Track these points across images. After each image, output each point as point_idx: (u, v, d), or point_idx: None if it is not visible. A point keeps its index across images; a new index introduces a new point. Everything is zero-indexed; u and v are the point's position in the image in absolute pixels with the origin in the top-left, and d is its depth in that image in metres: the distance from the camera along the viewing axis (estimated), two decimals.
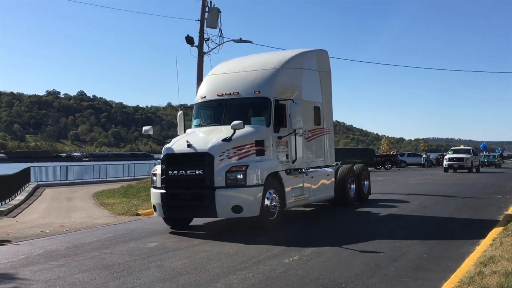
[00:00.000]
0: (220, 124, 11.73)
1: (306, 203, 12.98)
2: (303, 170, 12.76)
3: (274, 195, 11.05)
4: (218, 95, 12.16)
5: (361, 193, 16.13)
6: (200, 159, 10.38)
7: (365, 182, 16.83)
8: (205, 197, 10.28)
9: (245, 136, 10.96)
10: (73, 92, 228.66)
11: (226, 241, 9.53)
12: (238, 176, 10.27)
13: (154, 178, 11.20)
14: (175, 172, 10.61)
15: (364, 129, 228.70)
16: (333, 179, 14.33)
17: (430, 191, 20.51)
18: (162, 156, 11.00)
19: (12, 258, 8.81)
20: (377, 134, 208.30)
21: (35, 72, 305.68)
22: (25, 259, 8.74)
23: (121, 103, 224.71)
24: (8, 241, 10.73)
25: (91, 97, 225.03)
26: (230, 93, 11.99)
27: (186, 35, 21.25)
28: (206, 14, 21.69)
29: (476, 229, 10.56)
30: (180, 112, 13.05)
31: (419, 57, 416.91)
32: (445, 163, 39.59)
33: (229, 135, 10.64)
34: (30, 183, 30.46)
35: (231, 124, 10.57)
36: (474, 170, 39.40)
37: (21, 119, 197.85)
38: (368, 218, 12.88)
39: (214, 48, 21.58)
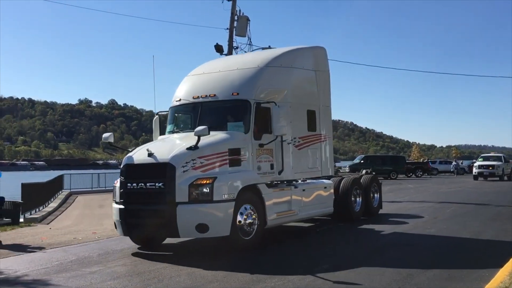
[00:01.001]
0: (192, 130, 10.33)
1: (295, 219, 11.34)
2: (292, 182, 11.22)
3: (251, 211, 9.54)
4: (193, 97, 10.73)
5: (369, 207, 14.42)
6: (160, 171, 8.94)
7: (375, 195, 15.09)
8: (165, 214, 8.83)
9: (215, 144, 9.51)
10: (104, 101, 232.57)
11: (185, 265, 8.17)
12: (204, 190, 8.80)
13: (115, 191, 9.86)
14: (134, 185, 9.19)
15: (394, 136, 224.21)
16: (331, 192, 12.70)
17: (463, 199, 19.64)
18: (121, 166, 9.67)
19: (46, 265, 8.87)
20: (407, 141, 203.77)
21: (68, 82, 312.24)
22: (58, 265, 8.80)
23: (151, 111, 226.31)
24: (42, 248, 10.78)
25: (122, 105, 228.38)
26: (206, 96, 10.55)
27: (215, 44, 21.63)
28: (235, 23, 22.20)
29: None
30: (155, 117, 11.59)
31: (453, 64, 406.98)
32: (475, 170, 37.74)
33: (200, 143, 9.23)
34: (63, 190, 31.03)
35: (195, 130, 9.16)
36: (505, 178, 37.18)
37: (54, 128, 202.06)
38: (367, 238, 11.18)
39: None
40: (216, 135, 9.77)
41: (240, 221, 9.30)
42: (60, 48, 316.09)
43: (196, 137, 9.25)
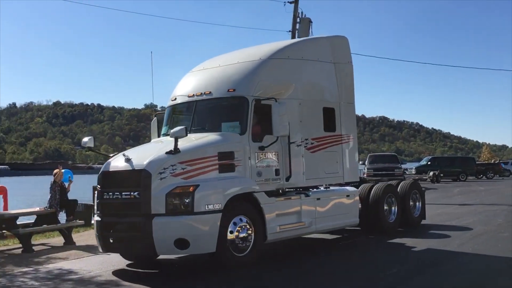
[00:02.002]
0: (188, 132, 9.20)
1: (306, 232, 9.83)
2: (299, 190, 9.80)
3: (245, 224, 8.24)
4: (188, 96, 9.57)
5: (408, 217, 12.62)
6: (135, 178, 7.82)
7: (417, 204, 13.22)
8: (140, 228, 7.69)
9: (201, 147, 8.30)
10: None
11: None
12: (183, 200, 7.61)
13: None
14: (110, 194, 8.15)
15: (462, 136, 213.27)
16: (356, 200, 11.10)
17: None
18: (99, 174, 8.65)
19: (118, 265, 8.82)
20: (476, 141, 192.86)
21: (134, 87, 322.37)
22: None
23: None
24: None
25: None
26: (201, 93, 9.34)
27: None
28: (297, 25, 21.99)
29: None
30: (154, 119, 10.55)
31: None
32: None
33: (182, 146, 8.05)
34: None
35: (171, 132, 8.01)
36: None
37: (122, 132, 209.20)
38: (392, 256, 9.49)
39: None
40: (205, 137, 8.57)
41: (231, 236, 8.03)
42: (126, 55, 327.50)
43: (189, 140, 8.09)
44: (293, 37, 21.97)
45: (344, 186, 11.18)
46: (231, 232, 8.03)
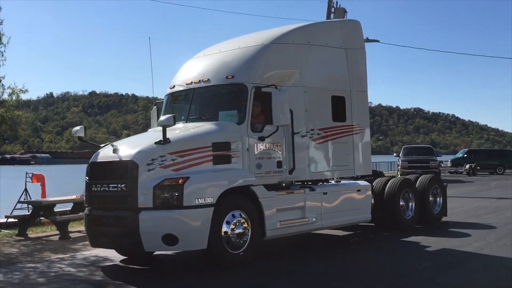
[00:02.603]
0: (184, 121, 8.76)
1: (310, 229, 9.26)
2: (307, 183, 9.25)
3: (241, 219, 7.75)
4: (186, 83, 9.10)
5: (427, 213, 11.88)
6: (122, 170, 7.42)
7: (437, 199, 12.42)
8: (126, 223, 7.30)
9: (194, 137, 7.83)
10: None
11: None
12: (171, 193, 7.17)
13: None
14: (98, 186, 7.78)
15: (500, 128, 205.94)
16: (368, 195, 10.44)
17: None
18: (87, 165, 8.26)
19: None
20: None
21: (168, 77, 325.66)
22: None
23: None
24: None
25: None
26: (199, 81, 8.85)
27: None
28: (332, 15, 21.55)
29: None
30: (153, 108, 10.13)
31: None
32: None
33: (173, 136, 7.61)
34: None
35: (158, 120, 7.58)
36: None
37: None
38: (403, 256, 8.85)
39: None
40: (199, 127, 8.11)
41: (226, 232, 7.57)
42: (163, 45, 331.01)
43: (186, 129, 7.65)
44: None
45: (356, 180, 10.57)
46: (226, 228, 7.57)
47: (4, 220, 12.58)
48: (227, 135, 8.01)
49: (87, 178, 8.00)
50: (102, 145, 8.42)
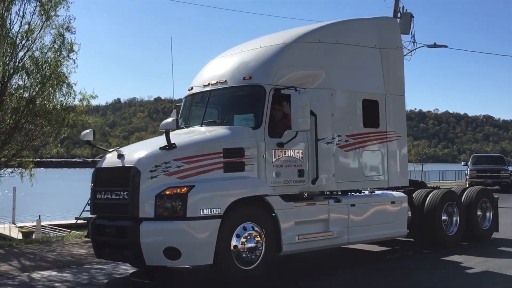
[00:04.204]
0: (200, 125, 8.33)
1: (335, 244, 8.50)
2: (334, 194, 8.56)
3: (253, 232, 7.19)
4: (204, 85, 8.67)
5: (474, 229, 10.83)
6: (125, 176, 7.01)
7: (487, 214, 11.33)
8: (127, 233, 6.90)
9: (202, 143, 7.36)
10: None
11: None
12: (174, 203, 6.72)
13: None
14: (102, 194, 7.41)
15: None
16: (404, 207, 9.55)
17: None
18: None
19: None
20: None
21: None
22: None
23: None
24: None
25: None
26: (216, 82, 8.40)
27: None
28: (398, 20, 20.95)
29: None
30: (173, 111, 9.72)
31: None
32: None
33: (180, 141, 7.19)
34: None
35: (161, 124, 7.14)
36: None
37: None
38: (438, 279, 7.93)
39: (406, 54, 19.40)
40: (211, 131, 7.66)
41: (236, 246, 7.03)
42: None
43: (200, 133, 7.29)
44: None
45: (391, 191, 9.73)
46: (236, 242, 7.03)
47: (74, 221, 12.69)
48: (240, 140, 7.49)
49: (92, 184, 7.69)
50: (110, 150, 8.11)
